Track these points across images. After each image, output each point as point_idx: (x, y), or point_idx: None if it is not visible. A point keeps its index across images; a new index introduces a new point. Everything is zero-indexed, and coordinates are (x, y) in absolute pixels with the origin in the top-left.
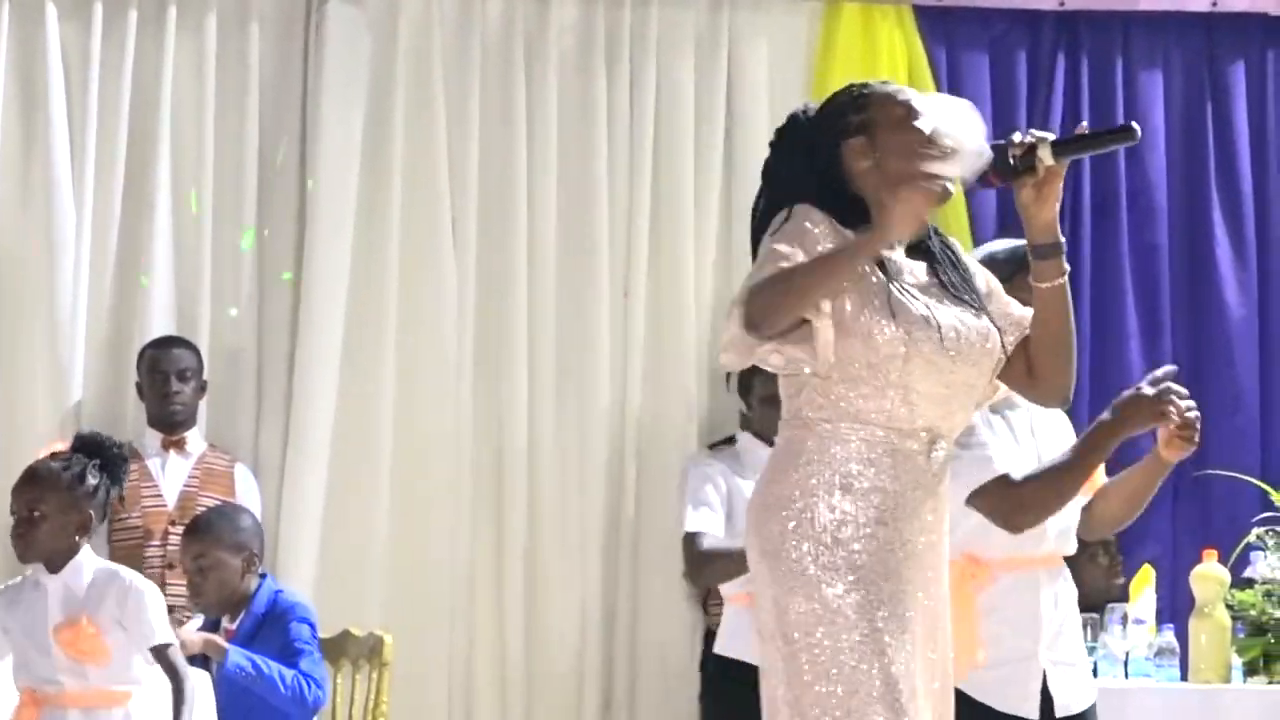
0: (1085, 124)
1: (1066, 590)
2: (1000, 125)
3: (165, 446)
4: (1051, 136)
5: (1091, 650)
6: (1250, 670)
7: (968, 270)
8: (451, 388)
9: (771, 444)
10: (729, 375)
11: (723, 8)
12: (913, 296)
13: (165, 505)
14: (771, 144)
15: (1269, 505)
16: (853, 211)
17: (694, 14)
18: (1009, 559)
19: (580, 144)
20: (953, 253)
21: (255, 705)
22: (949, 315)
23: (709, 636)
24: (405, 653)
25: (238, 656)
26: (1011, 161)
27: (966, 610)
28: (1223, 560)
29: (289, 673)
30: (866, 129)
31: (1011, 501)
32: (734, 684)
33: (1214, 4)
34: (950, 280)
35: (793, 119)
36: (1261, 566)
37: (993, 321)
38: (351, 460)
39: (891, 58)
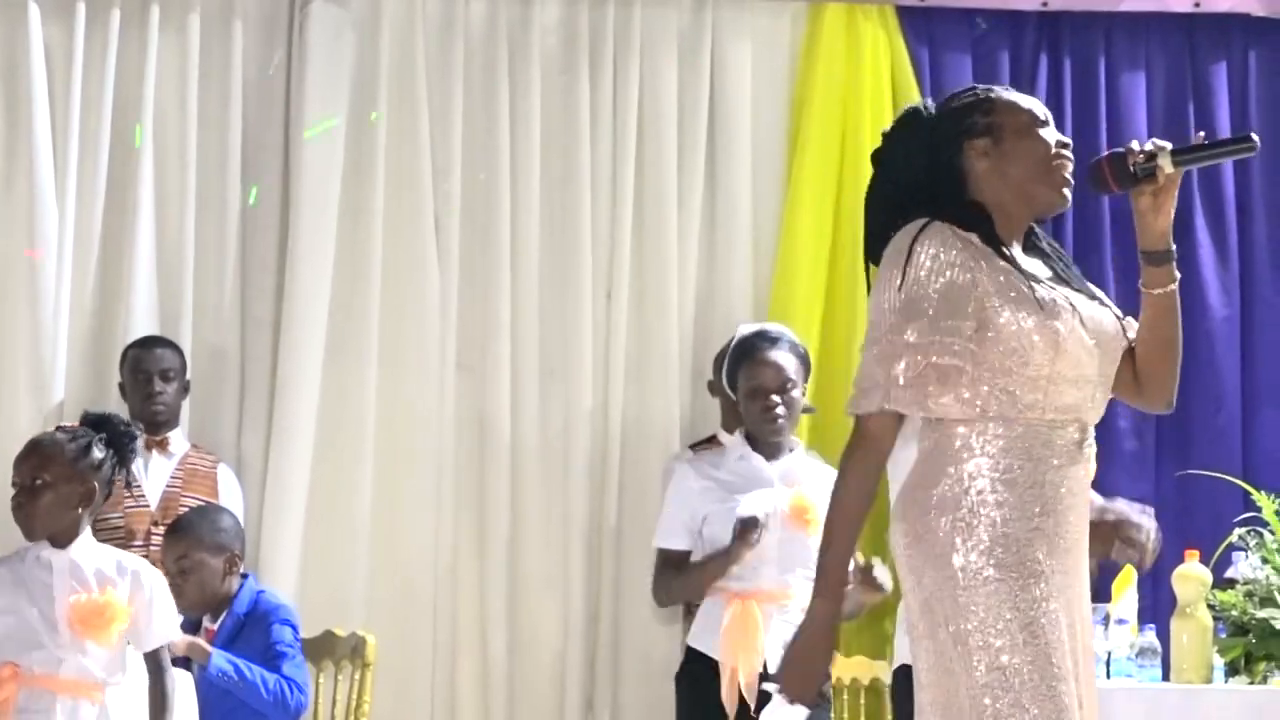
0: (1203, 134)
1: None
2: None
3: (148, 447)
4: (1170, 146)
5: None
6: (1232, 670)
7: (1074, 267)
8: (434, 387)
9: (754, 442)
10: (711, 383)
11: (706, 7)
12: (1050, 288)
13: (148, 505)
14: (886, 134)
15: (1251, 506)
16: (968, 213)
17: (677, 13)
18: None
19: (563, 143)
20: (1060, 251)
21: (237, 708)
22: (1084, 304)
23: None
24: (388, 653)
25: (221, 660)
26: (1132, 169)
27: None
28: (1204, 561)
29: (271, 677)
30: (991, 131)
31: None
32: (704, 675)
33: (1196, 4)
34: (1067, 274)
35: (914, 112)
36: (1243, 567)
37: (1115, 313)
38: (334, 460)
39: (874, 57)
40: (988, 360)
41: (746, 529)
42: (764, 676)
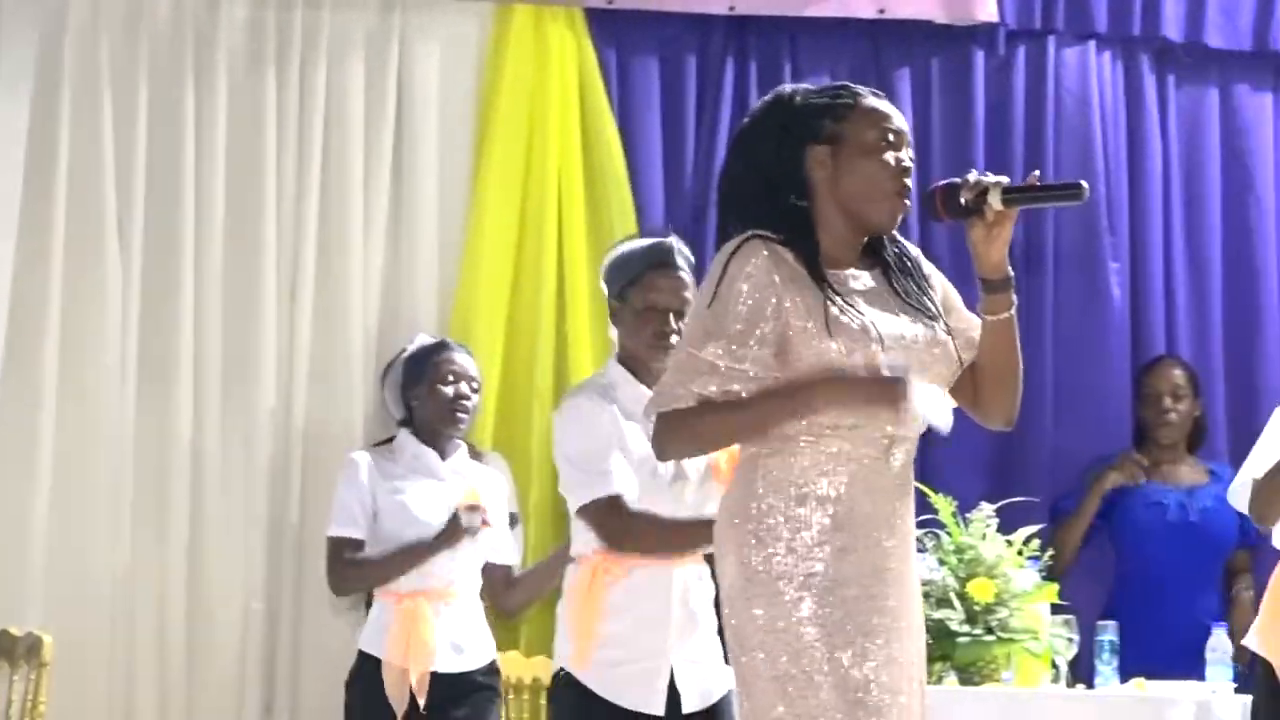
0: (1038, 173)
1: (701, 590)
2: (669, 129)
3: None
4: (1005, 181)
5: None
6: None
7: (924, 278)
8: (115, 390)
9: (429, 440)
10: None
11: (394, 10)
12: (855, 308)
13: None
14: (747, 116)
15: (928, 508)
16: (792, 224)
17: (365, 15)
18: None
19: (249, 145)
20: (910, 261)
21: None
22: (895, 324)
23: None
24: (65, 653)
25: None
26: (963, 201)
27: (597, 605)
28: None
29: None
30: (835, 141)
31: None
32: (374, 677)
33: (881, 11)
34: (903, 288)
35: (776, 99)
36: (920, 568)
37: (947, 330)
38: (11, 461)
39: (562, 60)
40: (788, 377)
41: (456, 524)
42: (433, 677)
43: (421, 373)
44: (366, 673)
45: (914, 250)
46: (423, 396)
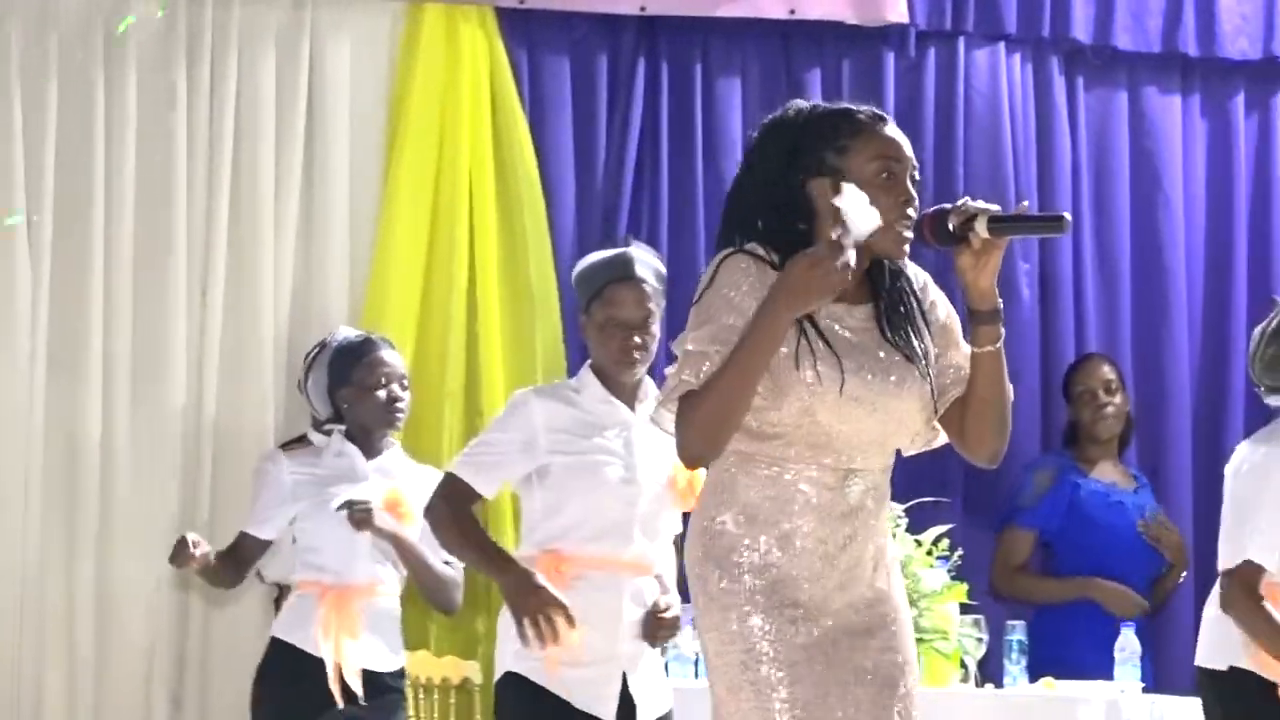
0: (1026, 204)
1: (653, 595)
2: (581, 129)
3: None
4: (995, 209)
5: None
6: None
7: (919, 315)
8: (24, 384)
9: (353, 437)
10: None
11: (305, 6)
12: (828, 344)
13: None
14: (759, 133)
15: None
16: (789, 246)
17: (276, 12)
18: (594, 559)
19: (159, 142)
20: (909, 295)
21: None
22: (865, 364)
23: None
24: None
25: None
26: (950, 228)
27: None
28: None
29: None
30: (836, 174)
31: None
32: (291, 667)
33: (791, 12)
34: (891, 326)
35: (783, 120)
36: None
37: (927, 369)
38: None
39: (473, 59)
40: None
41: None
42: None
43: (350, 373)
44: (284, 662)
45: (921, 278)
46: (353, 398)
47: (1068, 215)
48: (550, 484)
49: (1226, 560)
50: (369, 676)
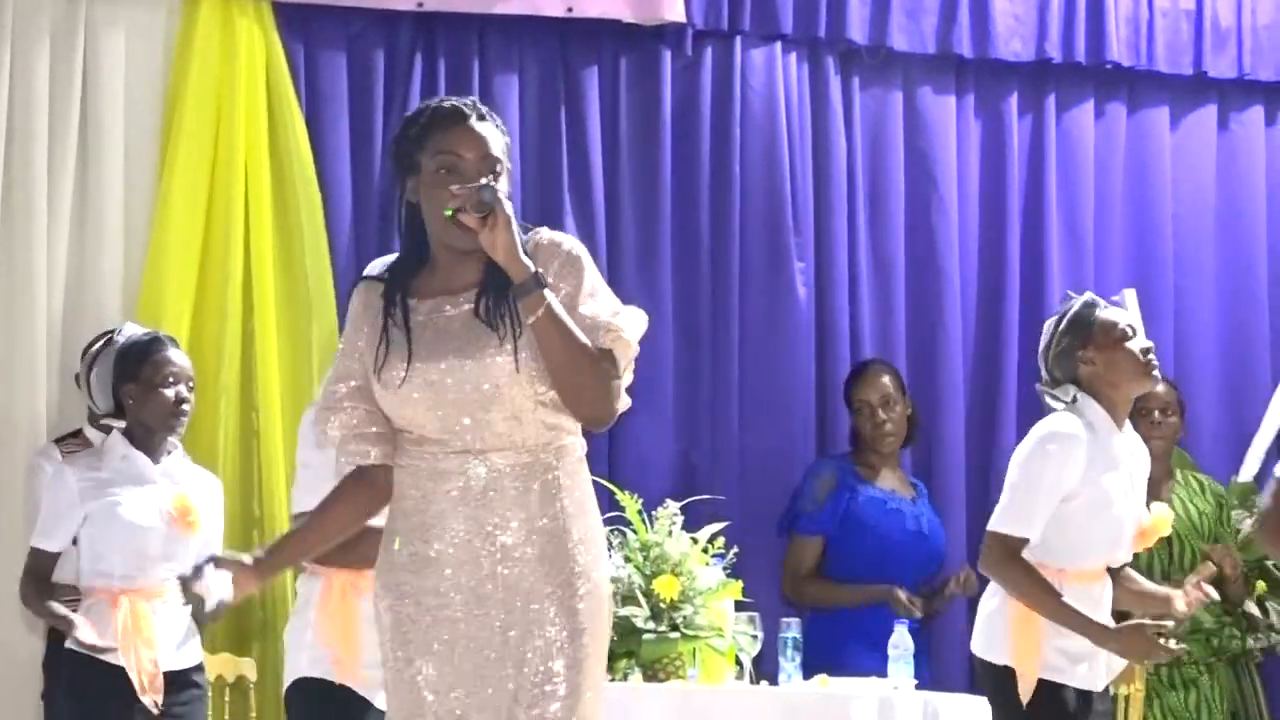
0: (485, 180)
1: None
2: (357, 125)
3: None
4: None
5: None
6: None
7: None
8: None
9: (136, 440)
10: (79, 376)
11: None
12: (409, 331)
13: None
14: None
15: (615, 505)
16: (403, 261)
17: (51, 4)
18: None
19: None
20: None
21: None
22: (441, 347)
23: (52, 632)
24: None
25: None
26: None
27: (353, 615)
28: None
29: None
30: (414, 173)
31: None
32: (85, 671)
33: (569, 10)
34: (486, 308)
35: (402, 119)
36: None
37: (514, 342)
38: None
39: (250, 53)
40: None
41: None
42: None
43: (137, 370)
44: (79, 674)
45: (558, 258)
46: (139, 396)
47: (485, 182)
48: None
49: (994, 525)
50: (173, 675)
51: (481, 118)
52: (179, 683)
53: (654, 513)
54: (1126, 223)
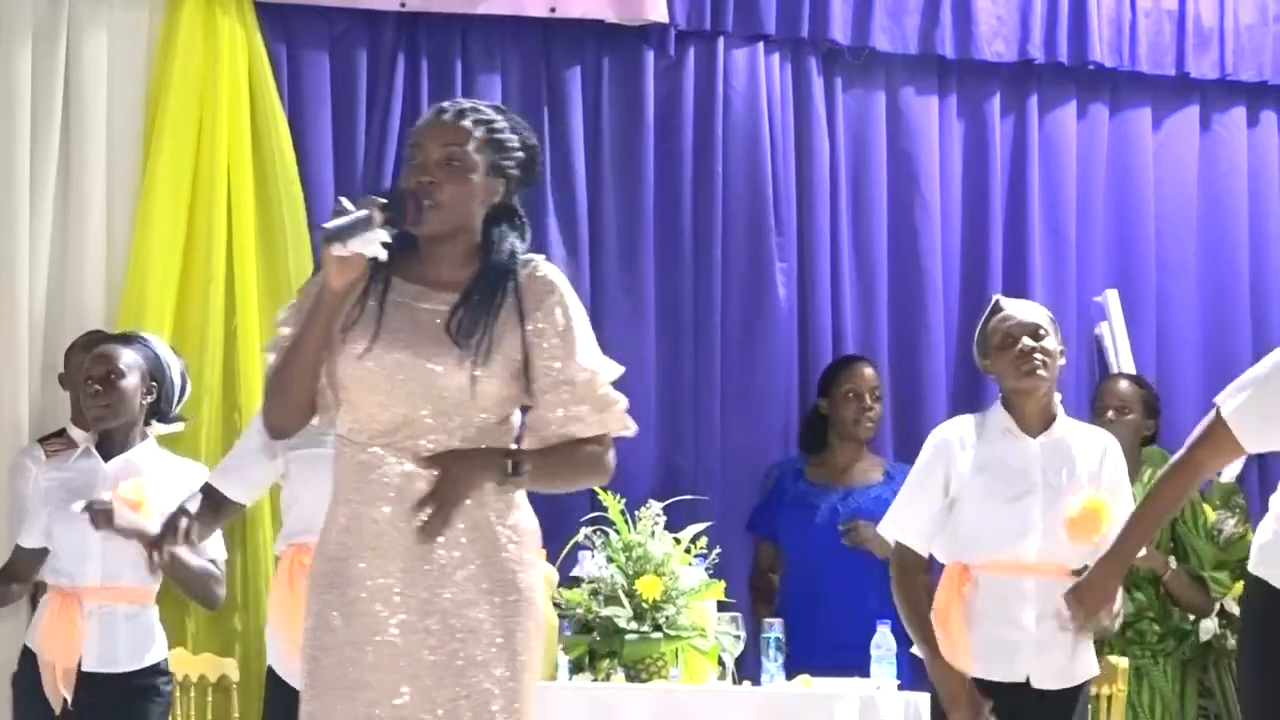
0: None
1: None
2: (340, 125)
3: None
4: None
5: None
6: (576, 668)
7: (492, 303)
8: None
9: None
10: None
11: None
12: (380, 321)
13: None
14: None
15: (597, 505)
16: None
17: (33, 4)
18: None
19: None
20: (501, 293)
21: None
22: (406, 342)
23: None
24: None
25: None
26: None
27: (295, 604)
28: (551, 559)
29: None
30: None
31: None
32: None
33: (552, 10)
34: (460, 309)
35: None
36: (589, 565)
37: (473, 353)
38: None
39: (233, 53)
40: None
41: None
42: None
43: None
44: (26, 668)
45: (555, 292)
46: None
47: (327, 224)
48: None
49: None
50: (106, 679)
51: (460, 115)
52: (114, 687)
53: (636, 513)
54: (1109, 223)
